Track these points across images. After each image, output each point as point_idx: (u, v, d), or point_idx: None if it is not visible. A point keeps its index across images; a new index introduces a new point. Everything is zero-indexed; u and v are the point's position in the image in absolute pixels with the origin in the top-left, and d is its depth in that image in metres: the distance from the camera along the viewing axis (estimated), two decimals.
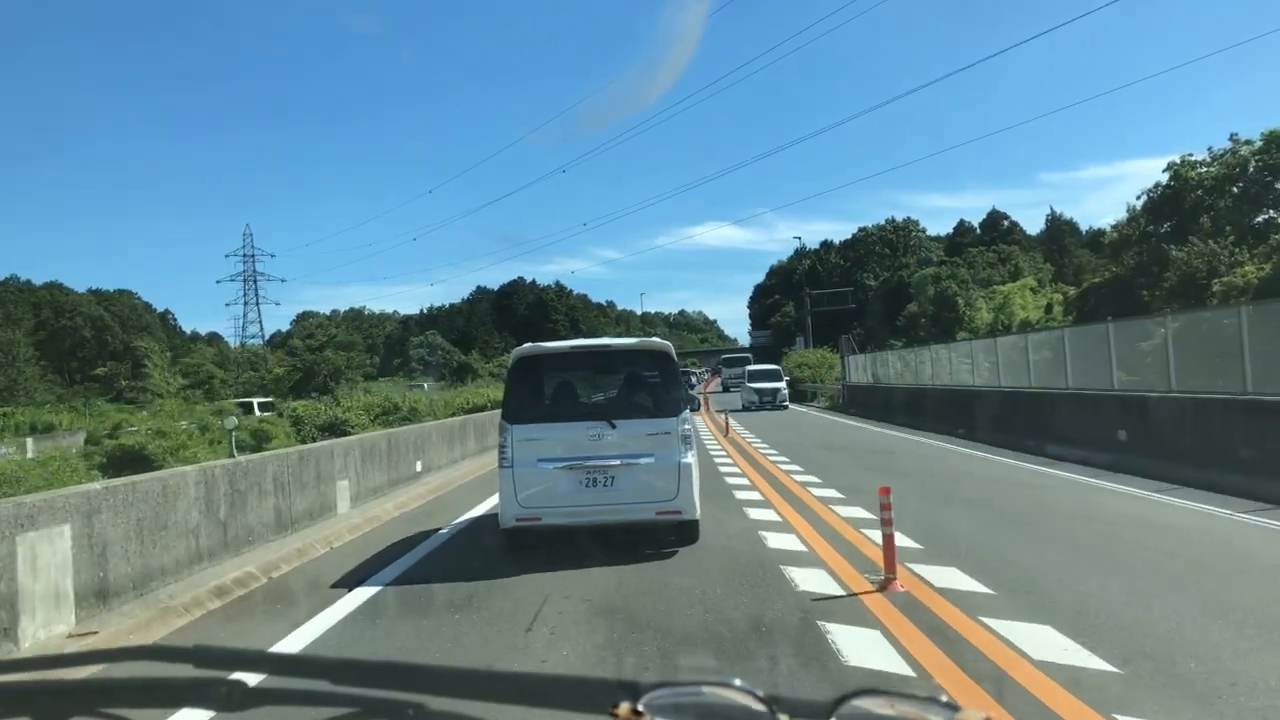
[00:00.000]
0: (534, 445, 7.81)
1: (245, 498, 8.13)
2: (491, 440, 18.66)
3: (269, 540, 8.48)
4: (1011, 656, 4.63)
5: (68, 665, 1.28)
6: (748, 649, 4.95)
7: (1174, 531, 8.21)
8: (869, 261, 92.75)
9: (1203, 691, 4.07)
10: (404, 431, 13.27)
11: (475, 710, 0.96)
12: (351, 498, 10.74)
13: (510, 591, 6.51)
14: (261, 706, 1.02)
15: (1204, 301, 29.32)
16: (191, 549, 7.14)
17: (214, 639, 5.59)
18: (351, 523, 9.97)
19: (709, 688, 0.86)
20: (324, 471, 9.99)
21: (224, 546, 7.65)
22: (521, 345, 8.78)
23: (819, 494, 10.92)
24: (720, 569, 7.03)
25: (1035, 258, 79.21)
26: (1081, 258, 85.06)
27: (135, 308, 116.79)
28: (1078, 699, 3.98)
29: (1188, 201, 39.62)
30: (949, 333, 59.08)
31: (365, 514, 10.52)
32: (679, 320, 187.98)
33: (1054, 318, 47.01)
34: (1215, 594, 5.87)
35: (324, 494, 9.95)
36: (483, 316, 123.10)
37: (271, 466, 8.76)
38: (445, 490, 13.25)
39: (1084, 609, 5.50)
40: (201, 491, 7.38)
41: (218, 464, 7.87)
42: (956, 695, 2.28)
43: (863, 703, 0.83)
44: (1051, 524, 8.78)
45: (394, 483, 12.35)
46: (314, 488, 9.69)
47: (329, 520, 9.85)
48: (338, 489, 10.33)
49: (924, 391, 24.25)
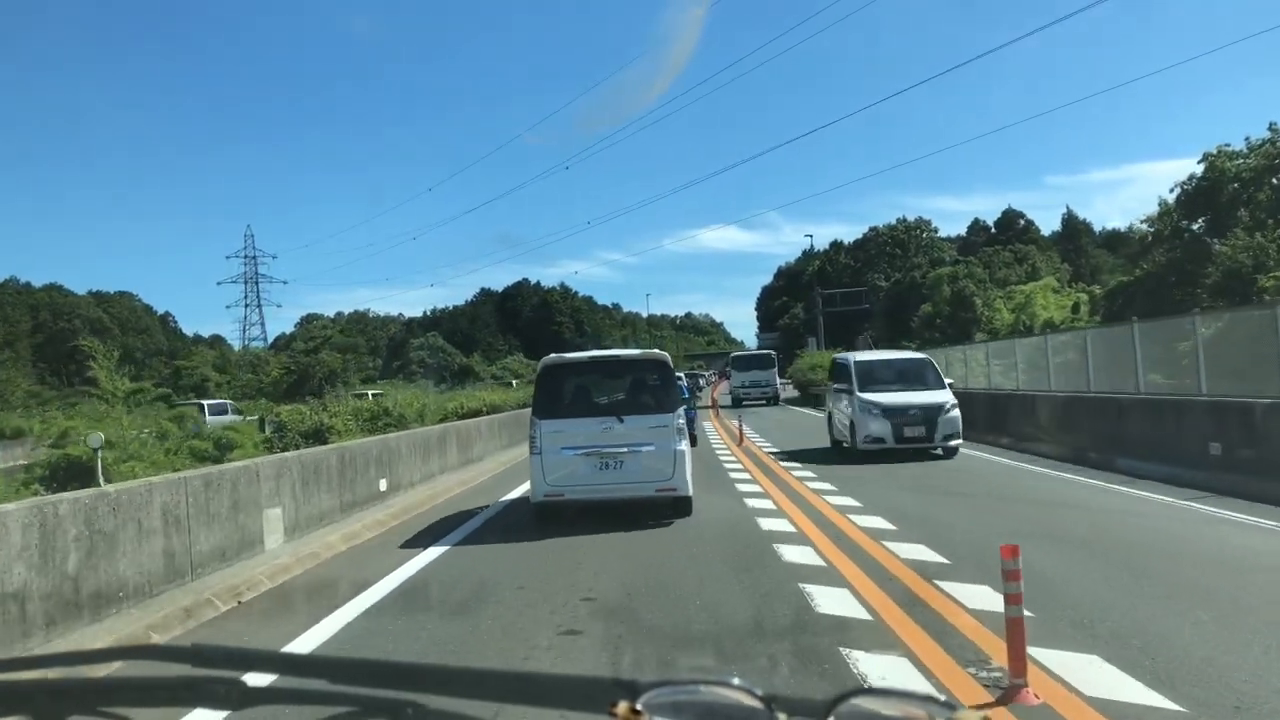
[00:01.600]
0: (558, 436, 9.51)
1: (115, 540, 6.07)
2: (476, 451, 16.68)
3: (155, 593, 6.44)
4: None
5: (67, 665, 1.19)
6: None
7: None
8: (879, 262, 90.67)
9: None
10: (362, 445, 11.22)
11: (474, 709, 0.96)
12: (286, 529, 8.68)
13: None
14: (261, 706, 1.01)
15: (1250, 299, 27.18)
16: (11, 618, 5.09)
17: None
18: (279, 563, 7.91)
19: (707, 686, 0.86)
20: (245, 498, 7.93)
21: (72, 611, 5.60)
22: (547, 356, 10.61)
23: (864, 523, 8.83)
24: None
25: (1052, 257, 76.93)
26: (1098, 258, 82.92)
27: (135, 310, 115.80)
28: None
29: (1224, 194, 37.38)
30: (966, 334, 56.86)
31: (301, 550, 8.46)
32: (685, 323, 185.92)
33: (1080, 318, 44.75)
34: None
35: (244, 527, 7.89)
36: (486, 319, 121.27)
37: (160, 496, 6.69)
38: (414, 513, 11.21)
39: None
40: (33, 538, 5.33)
41: (66, 498, 5.81)
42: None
43: (861, 701, 0.81)
44: (1186, 573, 6.66)
45: (348, 506, 10.30)
46: (228, 520, 7.63)
47: (249, 561, 7.80)
48: (265, 520, 8.27)
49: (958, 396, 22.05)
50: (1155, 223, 41.04)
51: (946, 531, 8.32)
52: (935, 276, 69.45)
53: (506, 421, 20.76)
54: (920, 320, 65.48)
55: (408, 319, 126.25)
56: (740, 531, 8.73)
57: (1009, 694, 4.03)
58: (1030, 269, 72.17)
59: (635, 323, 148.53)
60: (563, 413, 9.81)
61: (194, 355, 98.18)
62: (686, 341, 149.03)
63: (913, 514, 9.38)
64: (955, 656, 4.71)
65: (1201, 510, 9.24)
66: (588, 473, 9.41)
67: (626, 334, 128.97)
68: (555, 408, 9.85)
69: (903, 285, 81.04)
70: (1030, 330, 43.48)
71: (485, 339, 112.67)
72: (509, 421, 20.88)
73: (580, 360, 10.74)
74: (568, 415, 9.78)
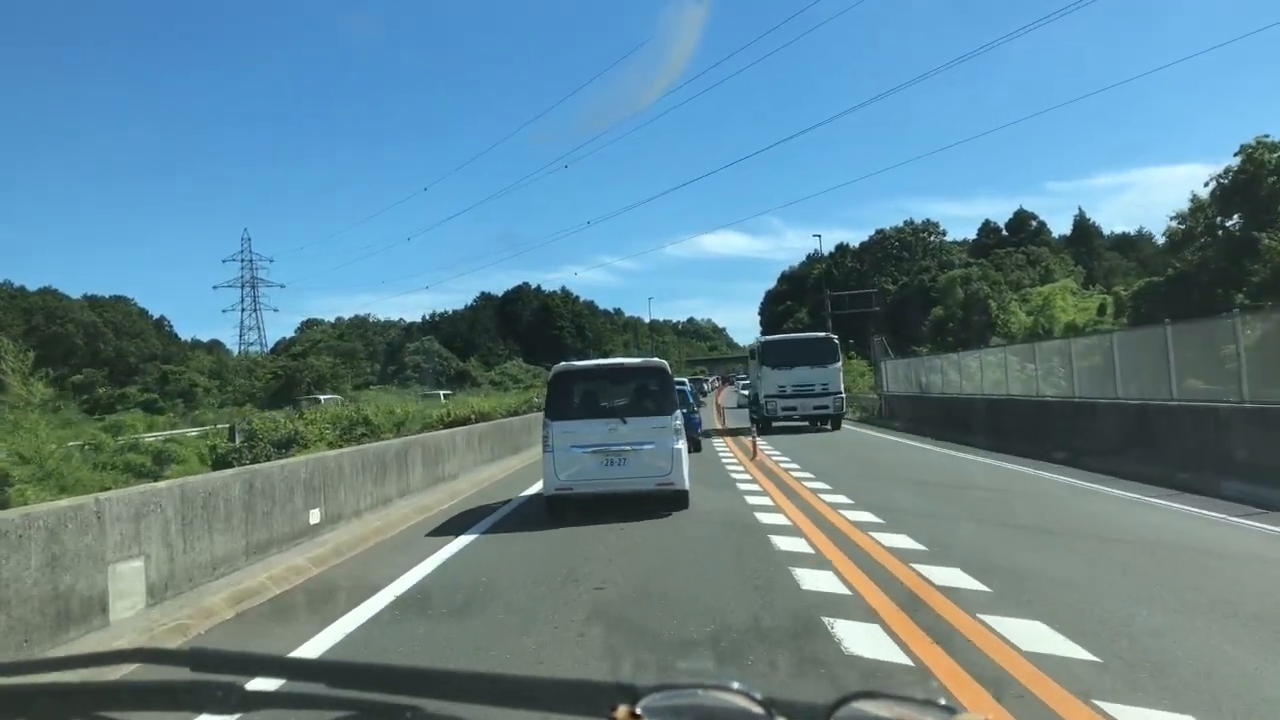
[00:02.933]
0: (568, 435, 10.34)
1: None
2: (450, 468, 14.52)
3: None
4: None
5: (67, 668, 1.19)
6: None
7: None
8: (886, 265, 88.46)
9: None
10: (284, 467, 8.83)
11: (472, 713, 0.95)
12: (152, 588, 6.34)
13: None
14: (259, 710, 1.02)
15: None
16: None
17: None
18: (127, 639, 5.59)
19: (706, 690, 0.86)
20: (73, 551, 5.59)
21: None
22: (558, 364, 11.56)
23: (943, 580, 6.49)
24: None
25: (1066, 259, 74.50)
26: (1111, 260, 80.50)
27: (129, 314, 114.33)
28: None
29: (1264, 188, 35.02)
30: (980, 337, 54.52)
31: (167, 618, 6.13)
32: (687, 328, 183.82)
33: (1104, 320, 42.37)
34: None
35: (72, 593, 5.55)
36: (486, 323, 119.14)
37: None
38: (348, 555, 8.84)
39: None
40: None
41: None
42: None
43: (862, 705, 0.81)
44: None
45: (260, 548, 7.95)
46: (44, 583, 5.31)
47: (81, 640, 5.47)
48: (113, 578, 5.93)
49: (995, 404, 19.72)
50: (1188, 219, 38.69)
51: (1071, 598, 5.99)
52: (948, 279, 67.07)
53: (489, 432, 18.37)
54: (931, 324, 63.10)
55: (407, 323, 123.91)
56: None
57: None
58: (1044, 271, 69.74)
59: (637, 327, 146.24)
60: (572, 415, 10.60)
61: (191, 360, 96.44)
62: (688, 347, 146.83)
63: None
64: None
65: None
66: (595, 468, 10.19)
67: (628, 339, 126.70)
68: (566, 410, 10.63)
69: (910, 289, 78.70)
70: (1049, 334, 41.15)
71: (485, 344, 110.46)
72: (491, 432, 18.51)
73: (588, 368, 11.89)
74: (577, 417, 10.58)
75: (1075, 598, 5.92)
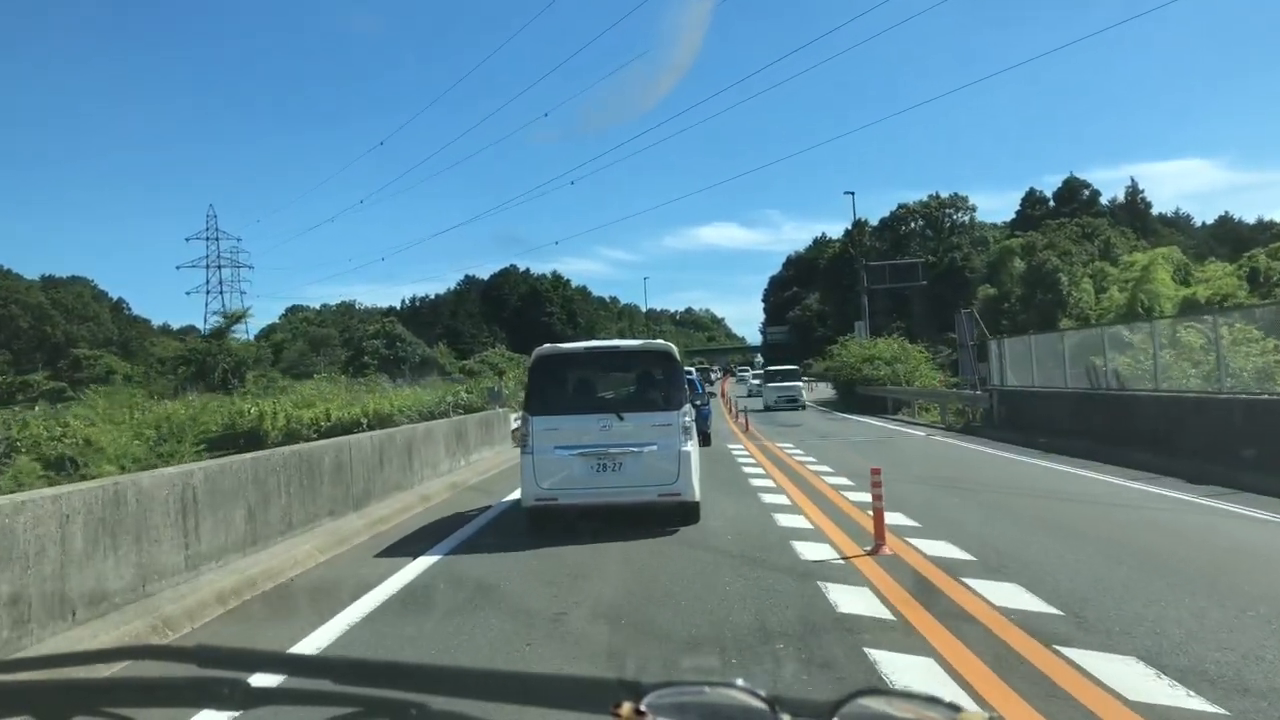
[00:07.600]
0: (551, 434, 8.71)
1: None
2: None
3: None
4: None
5: (70, 664, 1.19)
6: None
7: None
8: (910, 243, 78.90)
9: None
10: None
11: (477, 710, 0.95)
12: None
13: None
14: (265, 706, 1.01)
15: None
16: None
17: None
18: None
19: (711, 688, 0.85)
20: None
21: None
22: (540, 346, 9.55)
23: None
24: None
25: (1127, 232, 64.97)
26: (1168, 236, 71.17)
27: (82, 296, 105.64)
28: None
29: None
30: (1048, 319, 45.09)
31: None
32: (686, 318, 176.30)
33: (1239, 297, 32.81)
34: None
35: None
36: (470, 309, 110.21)
37: None
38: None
39: None
40: None
41: None
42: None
43: (866, 701, 0.81)
44: None
45: None
46: None
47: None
48: None
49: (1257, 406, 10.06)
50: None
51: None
52: (1000, 248, 57.47)
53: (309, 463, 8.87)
54: (981, 305, 53.55)
55: (385, 309, 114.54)
56: None
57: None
58: (1104, 244, 60.11)
59: (633, 315, 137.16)
60: (557, 409, 8.94)
61: (153, 345, 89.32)
62: (687, 337, 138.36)
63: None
64: None
65: None
66: (584, 475, 8.64)
67: (623, 327, 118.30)
68: (549, 403, 8.99)
69: (940, 268, 69.25)
70: (1149, 314, 31.65)
71: (469, 330, 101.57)
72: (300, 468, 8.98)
73: (577, 351, 9.96)
74: (563, 411, 8.93)
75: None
